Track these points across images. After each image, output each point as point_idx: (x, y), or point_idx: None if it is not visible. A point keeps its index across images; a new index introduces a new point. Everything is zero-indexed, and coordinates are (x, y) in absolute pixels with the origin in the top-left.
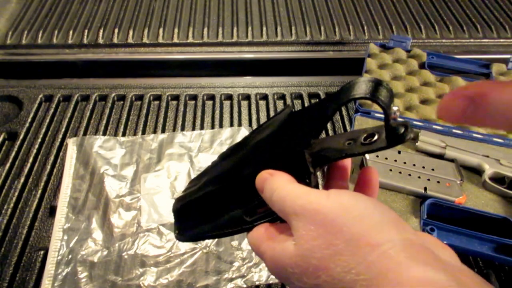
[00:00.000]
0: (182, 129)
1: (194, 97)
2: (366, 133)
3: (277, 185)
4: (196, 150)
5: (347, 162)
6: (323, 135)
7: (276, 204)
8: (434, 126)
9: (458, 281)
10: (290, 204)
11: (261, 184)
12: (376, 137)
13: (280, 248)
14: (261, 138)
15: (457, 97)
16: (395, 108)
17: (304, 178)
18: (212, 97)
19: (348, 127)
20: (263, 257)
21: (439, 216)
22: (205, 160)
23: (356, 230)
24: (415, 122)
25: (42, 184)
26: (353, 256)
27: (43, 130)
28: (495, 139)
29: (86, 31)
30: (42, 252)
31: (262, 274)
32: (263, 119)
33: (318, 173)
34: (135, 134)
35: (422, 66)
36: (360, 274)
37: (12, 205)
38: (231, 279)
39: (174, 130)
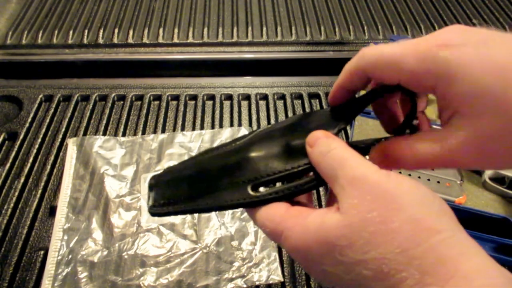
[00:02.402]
0: (182, 129)
1: (194, 97)
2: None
3: (336, 145)
4: (196, 150)
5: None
6: None
7: (329, 164)
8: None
9: None
10: (350, 168)
11: (314, 140)
12: None
13: (317, 222)
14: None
15: (337, 89)
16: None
17: None
18: (212, 97)
19: (347, 129)
20: (284, 235)
21: None
22: None
23: (417, 212)
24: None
25: (42, 184)
26: (411, 237)
27: (43, 130)
28: None
29: (86, 31)
30: (42, 252)
31: (262, 274)
32: (263, 119)
33: None
34: (135, 134)
35: None
36: (415, 258)
37: (12, 205)
38: (231, 279)
39: (174, 130)
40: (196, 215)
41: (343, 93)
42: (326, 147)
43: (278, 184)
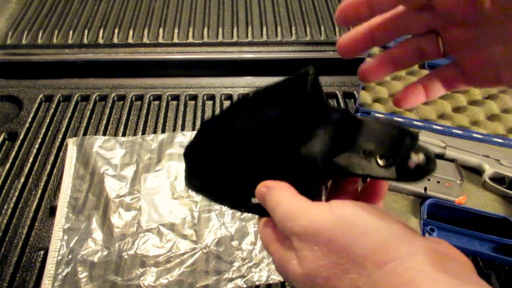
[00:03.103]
0: (182, 129)
1: (194, 97)
2: (381, 149)
3: (278, 201)
4: None
5: None
6: None
7: (277, 221)
8: (434, 126)
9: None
10: (291, 225)
11: (262, 197)
12: (390, 161)
13: (285, 260)
14: (275, 119)
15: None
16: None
17: (310, 188)
18: (212, 97)
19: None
20: (272, 257)
21: (439, 216)
22: None
23: (361, 250)
24: (415, 122)
25: (42, 184)
26: (360, 275)
27: (43, 130)
28: (495, 139)
29: (86, 31)
30: (42, 252)
31: (262, 274)
32: None
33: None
34: (135, 134)
35: (422, 66)
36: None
37: (12, 205)
38: (231, 279)
39: (174, 130)
40: (196, 215)
41: (361, 8)
42: (271, 208)
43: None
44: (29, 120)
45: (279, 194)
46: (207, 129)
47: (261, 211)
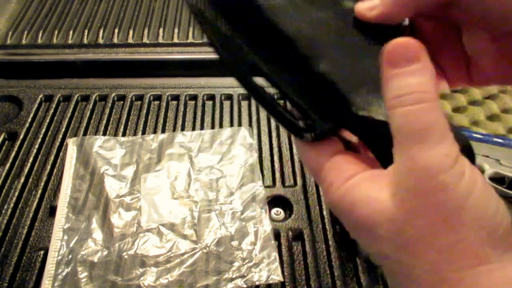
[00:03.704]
0: (182, 129)
1: (194, 97)
2: None
3: (427, 97)
4: (196, 150)
5: None
6: None
7: (401, 125)
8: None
9: None
10: (426, 150)
11: (396, 61)
12: None
13: (360, 194)
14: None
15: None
16: None
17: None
18: (212, 97)
19: None
20: (324, 188)
21: None
22: (205, 160)
23: (473, 233)
24: None
25: (42, 184)
26: (452, 261)
27: (43, 130)
28: (495, 139)
29: (86, 31)
30: (42, 252)
31: (262, 274)
32: (263, 119)
33: None
34: (135, 134)
35: None
36: (446, 280)
37: (12, 205)
38: (231, 279)
39: (174, 130)
40: (196, 215)
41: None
42: (412, 93)
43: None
44: (29, 120)
45: (429, 76)
46: None
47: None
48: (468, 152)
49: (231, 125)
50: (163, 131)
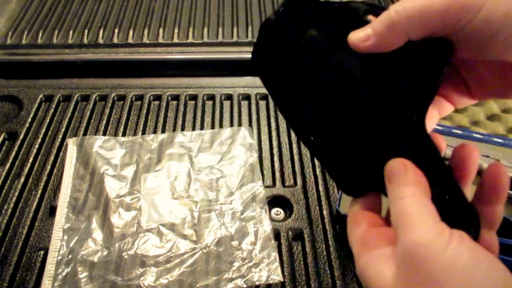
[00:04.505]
0: (182, 129)
1: (194, 97)
2: None
3: (408, 193)
4: (196, 150)
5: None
6: None
7: (396, 213)
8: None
9: None
10: (411, 230)
11: (391, 175)
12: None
13: (375, 267)
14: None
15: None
16: None
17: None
18: (212, 97)
19: None
20: (354, 258)
21: None
22: (205, 160)
23: None
24: None
25: (42, 184)
26: None
27: (43, 130)
28: (495, 139)
29: (86, 31)
30: (42, 252)
31: (262, 274)
32: (263, 119)
33: None
34: (135, 134)
35: None
36: None
37: (12, 205)
38: (231, 279)
39: (174, 130)
40: (196, 215)
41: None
42: (398, 193)
43: None
44: (29, 120)
45: (410, 189)
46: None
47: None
48: (472, 222)
49: (231, 125)
50: (163, 131)
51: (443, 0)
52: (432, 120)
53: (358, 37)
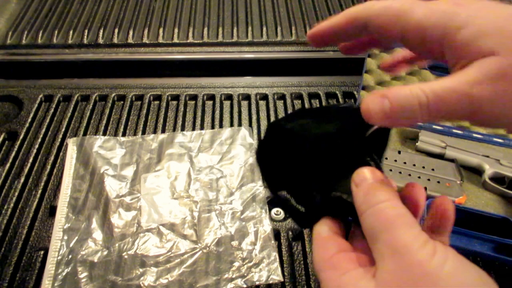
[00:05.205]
0: (182, 129)
1: (194, 97)
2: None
3: (383, 198)
4: (196, 150)
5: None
6: None
7: (372, 221)
8: (434, 126)
9: None
10: (393, 237)
11: (360, 180)
12: None
13: (350, 286)
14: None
15: (327, 28)
16: None
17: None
18: (212, 97)
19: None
20: (321, 282)
21: None
22: (205, 160)
23: None
24: None
25: (42, 184)
26: None
27: (43, 130)
28: (495, 139)
29: (86, 31)
30: (42, 252)
31: (262, 274)
32: (263, 119)
33: None
34: (135, 134)
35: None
36: None
37: (12, 205)
38: (231, 279)
39: (174, 130)
40: (196, 215)
41: (330, 34)
42: (372, 198)
43: None
44: (29, 120)
45: (383, 194)
46: (275, 132)
47: (323, 209)
48: None
49: (231, 125)
50: (163, 131)
51: (457, 97)
52: None
53: (374, 109)
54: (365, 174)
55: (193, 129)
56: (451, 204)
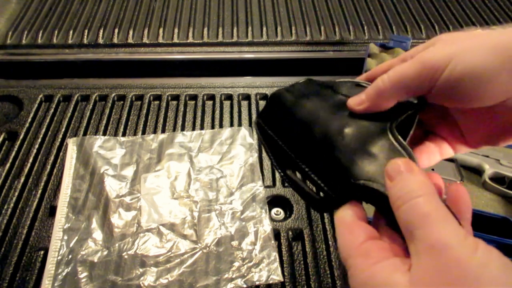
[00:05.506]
0: (182, 129)
1: (194, 97)
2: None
3: (420, 192)
4: (196, 150)
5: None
6: None
7: (408, 216)
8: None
9: None
10: (431, 232)
11: (395, 173)
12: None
13: (383, 277)
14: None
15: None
16: None
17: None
18: (212, 97)
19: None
20: (350, 272)
21: None
22: (205, 160)
23: None
24: None
25: (42, 184)
26: None
27: (43, 130)
28: None
29: (86, 31)
30: (42, 252)
31: (262, 274)
32: None
33: None
34: (135, 134)
35: None
36: None
37: (12, 205)
38: (231, 279)
39: (174, 130)
40: (196, 215)
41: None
42: (408, 193)
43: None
44: (29, 120)
45: (421, 189)
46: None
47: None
48: None
49: (231, 125)
50: (163, 131)
51: (416, 66)
52: (432, 159)
53: (354, 102)
54: (400, 167)
55: (193, 129)
56: (466, 190)
